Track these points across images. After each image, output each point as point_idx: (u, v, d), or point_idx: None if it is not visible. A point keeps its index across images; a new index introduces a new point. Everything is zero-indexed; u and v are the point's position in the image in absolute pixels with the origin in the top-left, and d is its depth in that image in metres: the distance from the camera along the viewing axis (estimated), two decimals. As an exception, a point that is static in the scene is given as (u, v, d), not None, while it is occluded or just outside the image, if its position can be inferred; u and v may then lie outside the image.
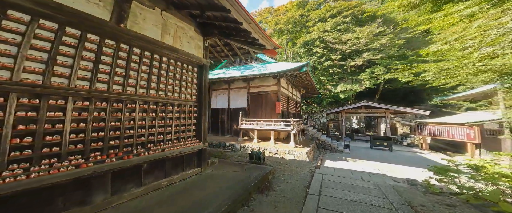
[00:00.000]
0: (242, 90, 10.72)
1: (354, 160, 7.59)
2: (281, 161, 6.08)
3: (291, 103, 12.27)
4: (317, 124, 19.24)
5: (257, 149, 7.87)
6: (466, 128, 8.58)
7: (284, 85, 10.61)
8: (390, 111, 12.40)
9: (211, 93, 11.66)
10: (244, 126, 9.06)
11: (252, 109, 10.20)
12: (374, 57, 15.02)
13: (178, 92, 3.49)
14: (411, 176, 5.16)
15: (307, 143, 9.35)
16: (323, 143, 10.24)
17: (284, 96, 10.52)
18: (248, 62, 11.91)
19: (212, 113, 11.39)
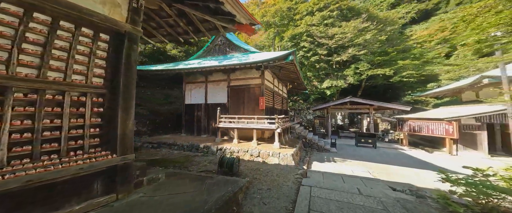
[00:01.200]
0: (221, 83, 9.32)
1: (342, 160, 6.98)
2: (263, 166, 5.02)
3: (277, 99, 11.33)
4: (304, 121, 19.02)
5: (236, 151, 6.70)
6: (445, 124, 8.71)
7: (269, 78, 9.54)
8: (373, 107, 12.42)
9: (185, 87, 9.98)
10: (222, 125, 7.76)
11: (233, 105, 8.92)
12: (359, 53, 15.11)
13: (75, 72, 2.09)
14: (407, 180, 4.61)
15: (293, 142, 8.52)
16: (310, 142, 9.58)
17: (269, 90, 9.47)
18: (229, 52, 10.49)
19: (186, 109, 9.78)
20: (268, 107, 9.44)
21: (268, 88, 9.21)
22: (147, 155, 6.00)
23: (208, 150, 6.96)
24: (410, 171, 5.38)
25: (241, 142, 7.61)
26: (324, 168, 5.82)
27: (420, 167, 5.92)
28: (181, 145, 7.37)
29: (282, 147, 6.93)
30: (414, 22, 22.10)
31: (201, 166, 4.74)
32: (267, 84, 9.15)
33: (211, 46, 10.88)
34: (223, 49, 10.68)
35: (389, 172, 5.36)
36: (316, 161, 6.89)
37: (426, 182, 4.43)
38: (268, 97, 9.33)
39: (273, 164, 5.48)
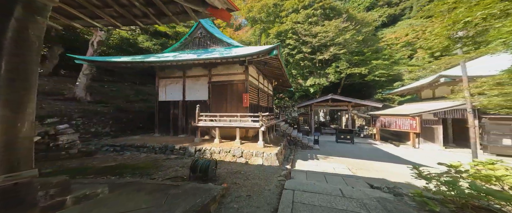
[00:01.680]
0: (201, 79, 8.53)
1: (324, 157, 7.11)
2: (245, 168, 4.63)
3: (262, 96, 11.04)
4: (289, 118, 19.38)
5: (217, 152, 6.17)
6: (410, 119, 9.67)
7: (253, 74, 9.14)
8: (351, 104, 13.22)
9: (159, 82, 8.85)
10: (202, 124, 7.09)
11: (215, 102, 8.26)
12: (339, 51, 15.95)
13: None
14: (382, 175, 4.87)
15: (278, 140, 8.37)
16: (294, 140, 9.62)
17: (253, 87, 9.08)
18: (210, 46, 9.67)
19: (159, 107, 8.71)
20: (253, 104, 9.07)
21: (252, 85, 8.81)
22: (100, 161, 4.98)
23: (184, 152, 6.24)
24: (383, 166, 5.76)
25: (223, 142, 7.09)
26: (308, 167, 5.77)
27: (390, 161, 6.46)
28: (151, 147, 6.46)
29: (266, 146, 6.66)
30: (385, 25, 24.44)
31: (171, 171, 4.08)
32: (252, 80, 8.74)
33: (190, 38, 9.86)
34: (203, 43, 9.78)
35: (366, 167, 5.65)
36: (300, 159, 6.86)
37: (398, 177, 4.78)
38: (252, 94, 8.94)
39: (256, 165, 5.15)
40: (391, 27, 24.12)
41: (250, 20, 25.98)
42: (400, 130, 10.51)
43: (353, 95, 16.28)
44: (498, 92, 2.94)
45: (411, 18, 24.67)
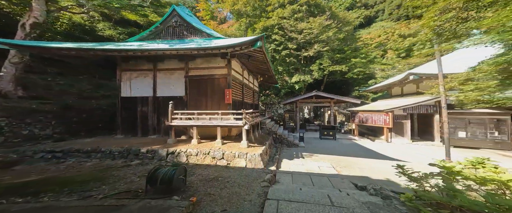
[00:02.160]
0: (176, 72, 7.48)
1: (309, 155, 7.03)
2: (224, 173, 4.07)
3: (247, 92, 10.47)
4: (275, 115, 19.38)
5: (194, 154, 5.44)
6: (383, 115, 10.37)
7: (237, 68, 8.46)
8: (333, 100, 13.70)
9: (121, 75, 7.47)
10: (176, 123, 6.19)
11: (192, 98, 7.35)
12: (322, 49, 16.37)
13: None
14: (364, 172, 4.96)
15: (263, 139, 7.97)
16: (280, 137, 9.40)
17: (237, 82, 8.42)
18: (187, 36, 8.56)
19: (123, 104, 7.39)
20: (237, 101, 8.44)
21: (236, 80, 8.15)
22: (20, 173, 3.78)
23: (153, 156, 5.31)
24: (364, 162, 5.99)
25: (203, 142, 6.34)
26: (294, 167, 5.53)
27: (369, 157, 6.75)
28: (108, 152, 5.31)
29: (250, 145, 6.18)
30: (361, 26, 26.20)
31: (122, 184, 3.23)
32: (235, 75, 8.06)
33: (162, 27, 8.53)
34: (179, 32, 8.59)
35: (349, 164, 5.74)
36: (286, 158, 6.61)
37: (378, 174, 4.90)
38: (236, 90, 8.29)
39: (238, 168, 4.63)
40: (367, 28, 25.99)
41: (235, 13, 24.77)
42: (375, 126, 11.25)
43: (335, 92, 17.03)
44: (473, 86, 3.08)
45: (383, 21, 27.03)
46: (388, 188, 3.71)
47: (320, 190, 2.92)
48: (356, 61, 16.56)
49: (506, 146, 7.76)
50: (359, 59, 16.68)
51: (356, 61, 16.56)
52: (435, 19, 2.59)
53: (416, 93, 11.66)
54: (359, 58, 16.81)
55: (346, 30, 17.69)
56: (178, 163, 4.88)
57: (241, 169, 4.58)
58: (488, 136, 8.05)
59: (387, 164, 5.67)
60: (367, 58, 17.86)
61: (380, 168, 5.34)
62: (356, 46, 18.47)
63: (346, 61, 16.88)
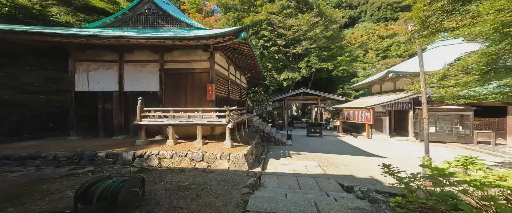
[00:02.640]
0: (149, 65, 6.55)
1: (297, 154, 6.87)
2: (199, 179, 3.56)
3: (233, 88, 9.90)
4: (264, 112, 19.21)
5: (169, 156, 4.80)
6: (365, 111, 10.80)
7: (221, 62, 7.81)
8: (320, 97, 13.94)
9: (76, 67, 6.25)
10: (147, 121, 5.40)
11: (169, 94, 6.55)
12: (310, 46, 16.48)
13: None
14: (349, 171, 4.94)
15: (250, 137, 7.58)
16: (268, 136, 9.12)
17: (222, 77, 7.80)
18: (162, 25, 7.53)
19: (77, 100, 6.24)
20: (222, 97, 7.85)
21: (220, 75, 7.52)
22: None
23: (115, 160, 4.52)
24: (348, 159, 6.09)
25: (181, 143, 5.69)
26: (280, 167, 5.26)
27: (353, 154, 6.85)
28: (51, 158, 4.34)
29: (235, 145, 5.73)
30: (345, 26, 27.29)
31: (46, 202, 2.41)
32: (219, 69, 7.43)
33: (131, 14, 7.32)
34: (152, 21, 7.46)
35: (334, 162, 5.71)
36: (273, 157, 6.34)
37: (362, 171, 4.90)
38: (220, 86, 7.68)
39: (219, 172, 4.15)
40: (351, 28, 27.17)
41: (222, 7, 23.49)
42: (358, 122, 11.71)
43: (321, 89, 17.45)
44: (454, 82, 3.12)
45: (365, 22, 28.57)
46: (373, 187, 3.66)
47: (306, 196, 2.63)
48: (341, 59, 17.15)
49: (468, 139, 8.60)
50: (344, 57, 17.31)
51: (342, 59, 17.16)
52: (424, 9, 2.45)
53: (394, 90, 12.44)
54: (344, 56, 17.43)
55: (332, 28, 18.10)
56: (147, 168, 4.19)
57: (222, 172, 4.11)
58: (453, 130, 8.88)
59: (370, 161, 5.79)
60: (351, 56, 18.63)
61: (363, 165, 5.41)
62: (341, 45, 19.10)
63: (332, 59, 17.37)
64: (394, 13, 27.25)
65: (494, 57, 2.29)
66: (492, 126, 8.87)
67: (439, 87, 3.73)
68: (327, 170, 5.00)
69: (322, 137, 10.74)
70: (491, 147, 7.86)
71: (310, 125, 11.33)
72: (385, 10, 28.26)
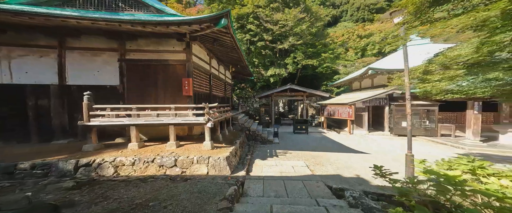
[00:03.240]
0: (105, 54, 5.33)
1: (284, 153, 6.58)
2: (165, 191, 2.88)
3: (216, 84, 9.07)
4: (251, 109, 18.74)
5: (129, 163, 3.96)
6: (347, 108, 11.16)
7: (201, 55, 6.91)
8: (306, 94, 14.03)
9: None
10: (98, 122, 4.35)
11: (134, 88, 5.48)
12: (297, 42, 16.45)
13: None
14: (336, 170, 4.81)
15: (235, 136, 6.99)
16: (254, 134, 8.65)
17: (202, 71, 6.93)
18: (123, 9, 6.02)
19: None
20: (202, 93, 7.01)
21: (200, 68, 6.64)
22: None
23: (48, 172, 3.49)
24: (334, 157, 6.01)
25: (150, 146, 4.80)
26: (266, 169, 4.86)
27: (339, 150, 6.86)
28: None
29: (216, 146, 5.10)
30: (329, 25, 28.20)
31: None
32: (199, 62, 6.54)
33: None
34: (109, 3, 5.93)
35: (321, 161, 5.55)
36: (259, 158, 5.91)
37: (349, 170, 4.80)
38: (200, 80, 6.82)
39: (195, 179, 3.51)
40: (333, 27, 28.18)
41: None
42: (340, 118, 12.08)
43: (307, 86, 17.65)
44: (440, 76, 3.11)
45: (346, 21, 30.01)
46: (361, 188, 3.52)
47: (295, 209, 2.22)
48: (326, 56, 17.64)
49: (434, 133, 9.53)
50: (328, 54, 17.84)
51: (326, 56, 17.66)
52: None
53: (371, 87, 13.21)
54: (328, 53, 17.96)
55: (317, 25, 18.40)
56: (96, 179, 3.28)
57: (198, 180, 3.48)
58: (421, 124, 9.77)
59: (354, 158, 5.83)
60: (334, 54, 19.31)
61: (348, 162, 5.41)
62: (325, 42, 19.61)
63: (317, 55, 17.73)
64: (371, 14, 29.25)
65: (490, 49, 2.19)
66: (452, 120, 10.08)
67: (423, 81, 3.73)
68: (315, 170, 4.78)
69: (308, 133, 10.78)
70: (452, 139, 8.75)
71: (297, 122, 11.27)
72: (363, 11, 30.05)
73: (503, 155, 6.10)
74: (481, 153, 6.18)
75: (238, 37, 19.56)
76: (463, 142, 7.72)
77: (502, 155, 6.05)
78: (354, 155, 6.12)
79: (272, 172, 4.58)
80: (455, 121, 10.01)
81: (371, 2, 30.07)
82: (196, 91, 6.34)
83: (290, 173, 4.44)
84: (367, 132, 11.04)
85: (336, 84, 18.04)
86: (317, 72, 19.06)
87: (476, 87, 2.72)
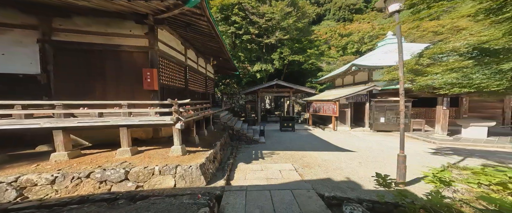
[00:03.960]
0: (14, 31, 3.77)
1: (270, 154, 5.98)
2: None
3: (194, 78, 7.89)
4: (236, 106, 17.85)
5: (46, 181, 2.88)
6: (332, 104, 11.21)
7: (172, 43, 5.66)
8: (293, 90, 13.76)
9: None
10: None
11: (66, 79, 4.09)
12: (283, 37, 16.06)
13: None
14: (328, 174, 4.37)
15: (215, 137, 6.08)
16: (238, 133, 7.85)
17: (174, 62, 5.73)
18: None
19: None
20: (176, 88, 5.85)
21: (170, 59, 5.44)
22: None
23: None
24: (321, 157, 5.56)
25: (89, 155, 3.59)
26: (251, 175, 4.18)
27: (326, 149, 6.58)
28: None
29: (190, 151, 4.18)
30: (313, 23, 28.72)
31: None
32: (169, 52, 5.35)
33: None
34: None
35: (309, 163, 5.11)
36: (243, 161, 5.18)
37: (338, 172, 4.46)
38: (172, 72, 5.64)
39: (150, 198, 2.57)
40: (317, 26, 28.81)
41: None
42: (325, 115, 12.12)
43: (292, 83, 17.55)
44: (444, 68, 2.85)
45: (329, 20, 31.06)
46: (354, 194, 3.11)
47: None
48: (311, 52, 17.74)
49: (407, 128, 9.97)
50: (313, 50, 17.98)
51: (311, 52, 17.77)
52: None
53: (353, 83, 13.63)
54: (314, 49, 18.12)
55: (304, 21, 18.29)
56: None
57: (153, 201, 2.55)
58: (396, 120, 10.27)
59: (342, 157, 5.57)
60: (319, 50, 19.62)
61: (337, 163, 5.08)
62: (310, 39, 19.75)
63: (303, 51, 17.70)
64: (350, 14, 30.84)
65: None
66: (421, 115, 10.94)
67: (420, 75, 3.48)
68: (304, 173, 4.29)
69: (294, 131, 10.49)
70: (423, 133, 9.33)
71: (283, 120, 10.89)
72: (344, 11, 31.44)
73: (468, 148, 6.61)
74: (451, 148, 6.60)
75: (221, 30, 18.25)
76: (433, 137, 8.24)
77: (468, 148, 6.50)
78: (341, 154, 5.88)
79: (257, 179, 3.91)
80: (424, 116, 10.91)
81: (351, 2, 31.54)
82: (166, 85, 5.20)
83: (278, 180, 3.84)
84: (349, 128, 11.30)
85: (321, 80, 18.34)
86: (303, 69, 19.10)
87: (489, 79, 2.44)
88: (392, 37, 13.57)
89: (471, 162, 4.64)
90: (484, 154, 5.69)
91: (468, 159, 5.09)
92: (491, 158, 5.08)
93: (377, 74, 11.15)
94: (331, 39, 25.57)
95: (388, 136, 9.50)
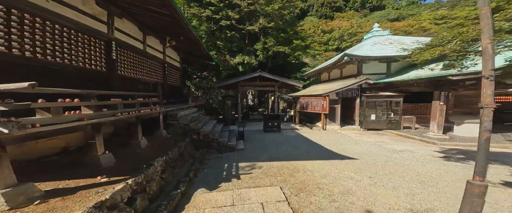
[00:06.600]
0: None
1: (249, 168, 4.20)
2: None
3: (135, 62, 5.40)
4: (214, 102, 15.47)
5: None
6: (321, 100, 9.95)
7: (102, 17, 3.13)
8: (278, 83, 12.23)
9: None
10: None
11: None
12: (268, 24, 14.32)
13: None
14: (342, 209, 2.79)
15: (160, 150, 3.87)
16: (206, 139, 5.70)
17: (75, 29, 3.23)
18: None
19: None
20: (86, 70, 3.41)
21: (57, 19, 2.95)
22: None
23: None
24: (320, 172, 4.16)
25: None
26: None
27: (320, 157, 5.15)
28: None
29: (66, 188, 1.93)
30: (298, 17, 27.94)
31: None
32: (51, 8, 2.85)
33: None
34: None
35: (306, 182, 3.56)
36: (205, 186, 3.26)
37: (352, 202, 3.24)
38: (68, 46, 3.17)
39: None
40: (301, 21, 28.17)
41: None
42: (313, 112, 10.82)
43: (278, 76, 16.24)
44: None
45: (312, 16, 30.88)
46: None
47: None
48: (298, 44, 16.47)
49: (398, 125, 9.35)
50: (299, 42, 16.75)
51: (297, 43, 16.50)
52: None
53: (340, 77, 12.80)
54: (299, 41, 16.95)
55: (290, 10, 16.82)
56: None
57: None
58: (386, 117, 9.41)
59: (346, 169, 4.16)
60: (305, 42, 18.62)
61: (342, 179, 3.66)
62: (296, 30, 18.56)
63: (289, 42, 16.30)
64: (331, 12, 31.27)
65: None
66: (409, 112, 10.26)
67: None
68: (300, 207, 2.60)
69: (280, 132, 8.93)
70: (417, 132, 8.24)
71: (268, 118, 9.23)
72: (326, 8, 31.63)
73: (474, 149, 5.86)
74: (457, 149, 5.67)
75: (194, 12, 15.27)
76: (428, 136, 7.46)
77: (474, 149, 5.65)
78: (341, 164, 4.48)
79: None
80: (411, 112, 10.46)
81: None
82: (46, 65, 2.79)
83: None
84: (339, 127, 10.29)
85: (307, 74, 17.34)
86: (288, 62, 17.78)
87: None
88: (378, 29, 13.21)
89: (503, 171, 3.68)
90: (499, 157, 4.83)
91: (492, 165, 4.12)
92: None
93: (367, 67, 10.45)
94: (315, 35, 25.23)
95: (382, 136, 8.61)
